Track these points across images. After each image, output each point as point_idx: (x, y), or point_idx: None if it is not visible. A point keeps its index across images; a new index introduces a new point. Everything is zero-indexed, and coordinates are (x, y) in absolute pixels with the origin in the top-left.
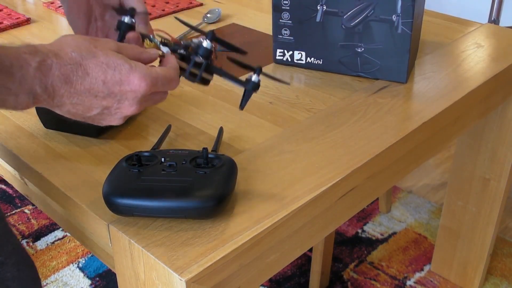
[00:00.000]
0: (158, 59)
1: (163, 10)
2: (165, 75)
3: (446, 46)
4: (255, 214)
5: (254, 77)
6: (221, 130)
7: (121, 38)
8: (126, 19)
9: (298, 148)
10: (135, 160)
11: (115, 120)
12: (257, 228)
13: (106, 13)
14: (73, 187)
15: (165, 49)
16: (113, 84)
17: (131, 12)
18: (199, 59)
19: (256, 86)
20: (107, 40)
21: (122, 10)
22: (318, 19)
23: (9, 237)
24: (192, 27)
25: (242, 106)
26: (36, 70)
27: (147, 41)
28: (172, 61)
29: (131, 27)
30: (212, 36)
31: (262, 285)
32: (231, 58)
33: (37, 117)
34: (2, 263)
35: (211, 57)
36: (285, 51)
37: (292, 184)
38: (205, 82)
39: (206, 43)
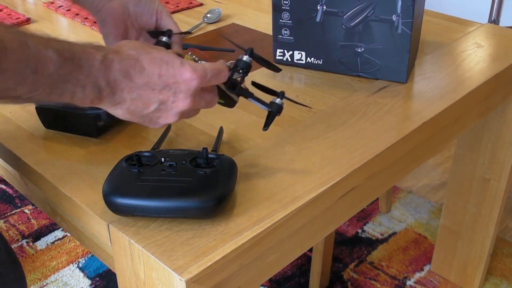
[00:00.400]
0: None
1: None
2: (213, 67)
3: (446, 46)
4: (255, 214)
5: (278, 100)
6: (221, 130)
7: None
8: (164, 38)
9: (298, 148)
10: (135, 160)
11: (171, 116)
12: (257, 228)
13: (141, 37)
14: (73, 187)
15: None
16: (168, 77)
17: (169, 33)
18: (239, 73)
19: (280, 108)
20: (158, 46)
21: (156, 33)
22: (318, 19)
23: None
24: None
25: (266, 128)
26: (101, 64)
27: (187, 56)
28: (219, 61)
29: (168, 46)
30: (251, 52)
31: (262, 285)
32: (255, 83)
33: (37, 117)
34: None
35: (249, 71)
36: (285, 51)
37: (292, 184)
38: (232, 103)
39: (246, 58)
